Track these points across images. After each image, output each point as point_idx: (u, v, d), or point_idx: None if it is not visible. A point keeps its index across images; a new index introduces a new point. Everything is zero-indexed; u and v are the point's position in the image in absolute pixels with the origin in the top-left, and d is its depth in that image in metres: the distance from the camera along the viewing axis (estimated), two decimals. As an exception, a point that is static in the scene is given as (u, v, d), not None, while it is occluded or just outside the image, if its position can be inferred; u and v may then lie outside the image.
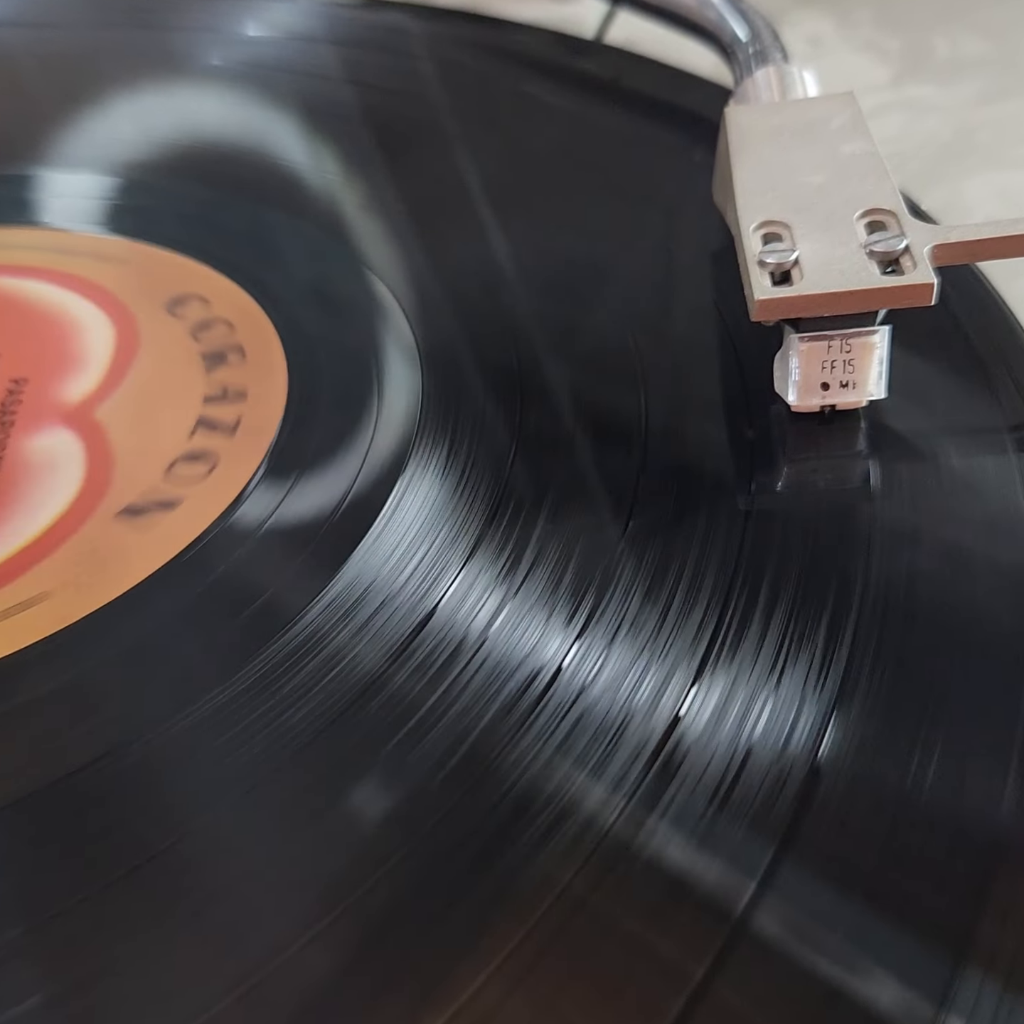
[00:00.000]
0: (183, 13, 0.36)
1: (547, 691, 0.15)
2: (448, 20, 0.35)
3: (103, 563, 0.18)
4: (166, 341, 0.23)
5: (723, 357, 0.21)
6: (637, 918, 0.13)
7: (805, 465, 0.19)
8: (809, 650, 0.15)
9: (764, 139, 0.21)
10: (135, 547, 0.18)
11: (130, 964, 0.13)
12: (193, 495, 0.19)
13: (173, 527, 0.19)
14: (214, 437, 0.20)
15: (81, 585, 0.18)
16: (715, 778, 0.14)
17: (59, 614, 0.17)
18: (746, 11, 0.26)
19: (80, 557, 0.18)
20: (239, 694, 0.16)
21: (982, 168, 0.29)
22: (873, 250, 0.18)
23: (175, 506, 0.19)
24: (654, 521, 0.18)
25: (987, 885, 0.13)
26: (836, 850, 0.13)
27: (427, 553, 0.17)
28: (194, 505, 0.19)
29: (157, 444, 0.20)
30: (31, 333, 0.23)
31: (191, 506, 0.19)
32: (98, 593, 0.18)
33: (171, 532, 0.18)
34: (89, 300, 0.24)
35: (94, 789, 0.15)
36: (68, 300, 0.24)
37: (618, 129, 0.29)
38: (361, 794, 0.14)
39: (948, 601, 0.16)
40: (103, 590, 0.18)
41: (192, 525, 0.19)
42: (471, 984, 0.12)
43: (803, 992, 0.12)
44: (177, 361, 0.22)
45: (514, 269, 0.24)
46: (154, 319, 0.23)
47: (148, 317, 0.23)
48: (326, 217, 0.26)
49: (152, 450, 0.20)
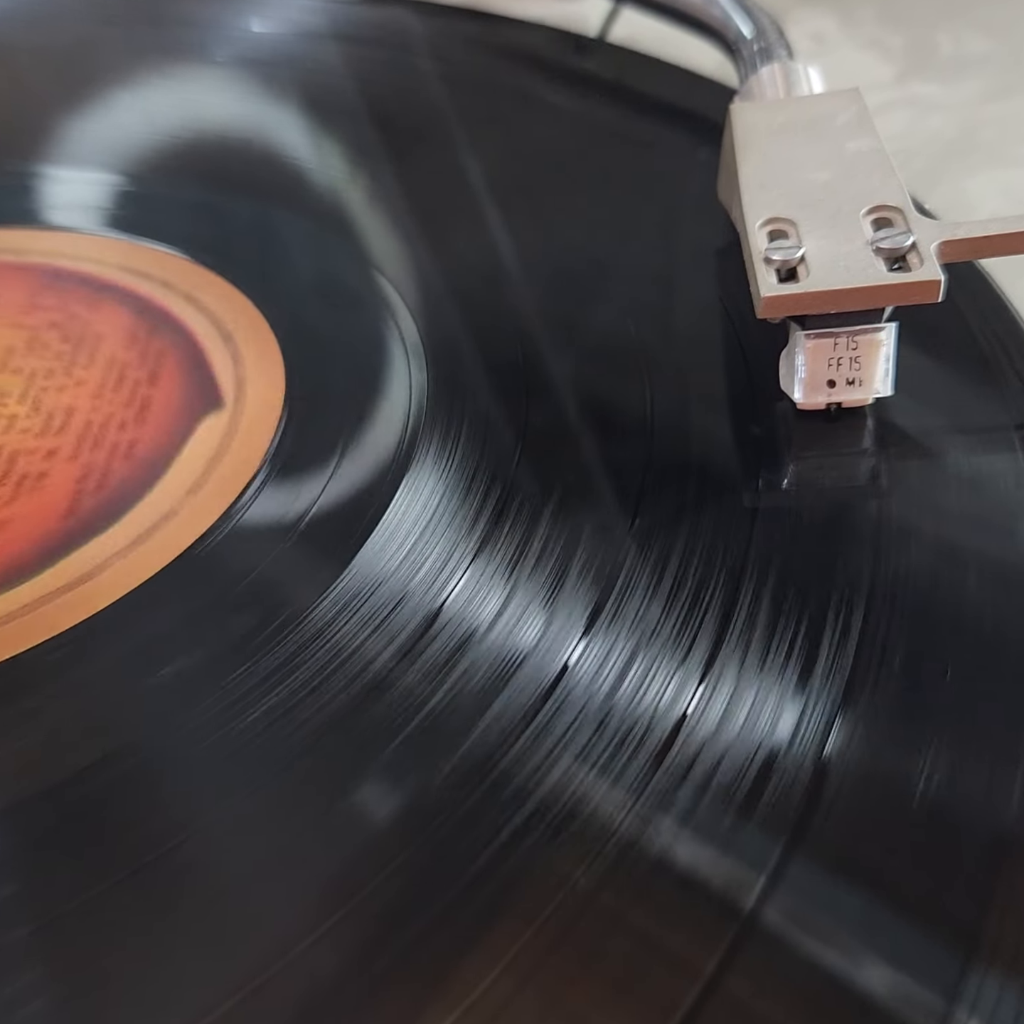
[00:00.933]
0: (186, 8, 0.36)
1: (553, 689, 0.15)
2: (451, 17, 0.35)
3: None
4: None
5: (729, 354, 0.21)
6: (646, 914, 0.13)
7: (811, 463, 0.19)
8: (816, 647, 0.15)
9: (769, 136, 0.21)
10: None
11: (133, 966, 0.13)
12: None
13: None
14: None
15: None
16: (723, 775, 0.14)
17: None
18: (751, 8, 0.26)
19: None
20: (243, 694, 0.16)
21: (986, 166, 0.29)
22: (880, 247, 0.18)
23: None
24: (660, 518, 0.18)
25: (994, 881, 0.13)
26: (845, 846, 0.13)
27: (432, 551, 0.17)
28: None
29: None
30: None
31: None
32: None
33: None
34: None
35: (97, 791, 0.15)
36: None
37: (621, 126, 0.29)
38: (365, 793, 0.14)
39: (955, 598, 0.16)
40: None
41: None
42: (480, 982, 0.12)
43: (812, 986, 0.12)
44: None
45: (518, 266, 0.24)
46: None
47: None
48: (329, 214, 0.26)
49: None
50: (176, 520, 0.19)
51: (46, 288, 0.24)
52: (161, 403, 0.21)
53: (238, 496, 0.19)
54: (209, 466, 0.20)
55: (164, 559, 0.18)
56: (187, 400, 0.21)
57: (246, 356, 0.22)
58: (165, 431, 0.20)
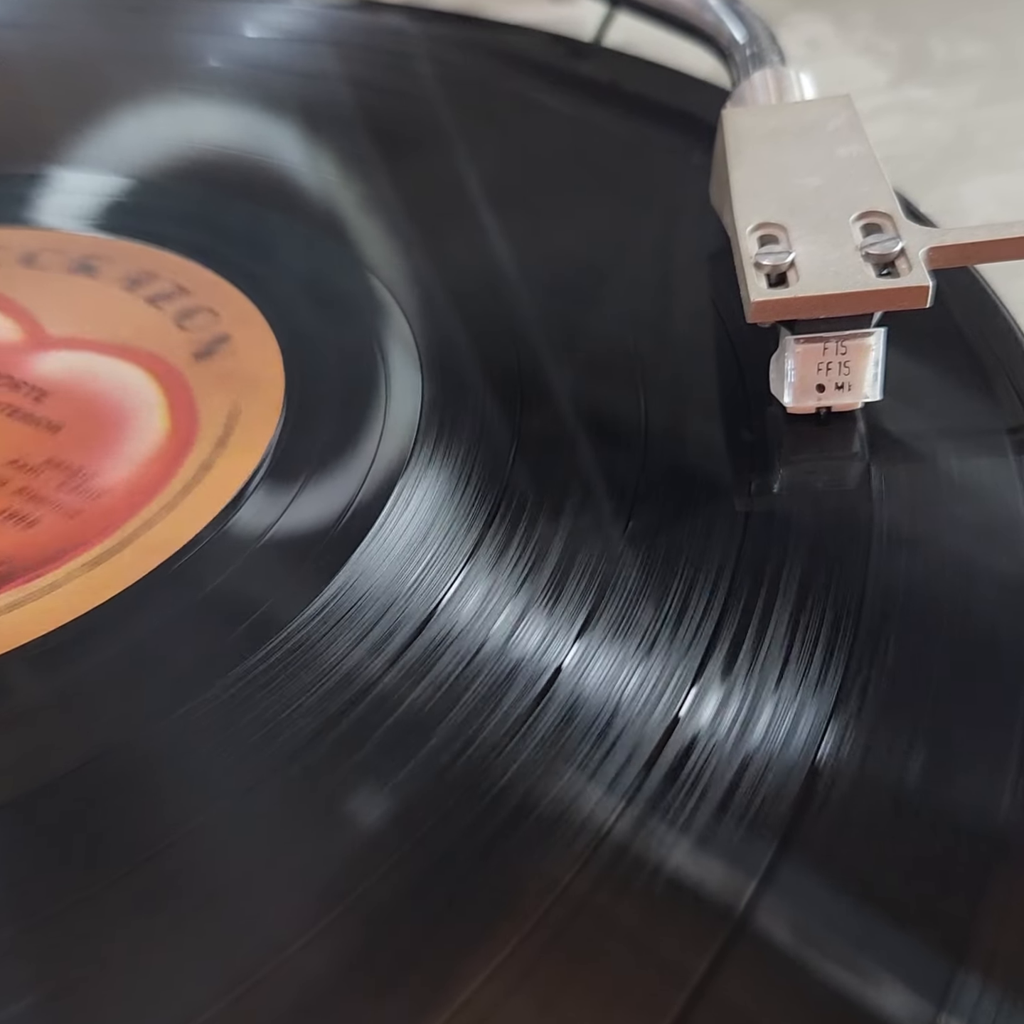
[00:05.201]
0: (182, 15, 0.36)
1: (547, 691, 0.15)
2: (446, 22, 0.35)
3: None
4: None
5: (722, 358, 0.21)
6: (638, 917, 0.13)
7: (802, 467, 0.19)
8: (808, 650, 0.15)
9: (761, 141, 0.21)
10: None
11: (127, 964, 0.13)
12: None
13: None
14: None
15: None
16: (715, 778, 0.14)
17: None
18: (744, 14, 0.26)
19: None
20: (238, 694, 0.16)
21: (981, 170, 0.29)
22: (869, 252, 0.18)
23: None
24: (654, 521, 0.18)
25: (986, 885, 0.13)
26: (836, 850, 0.13)
27: (428, 554, 0.18)
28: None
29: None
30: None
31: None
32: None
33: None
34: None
35: (91, 789, 0.15)
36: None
37: (616, 131, 0.29)
38: (361, 795, 0.14)
39: (946, 602, 0.16)
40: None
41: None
42: (472, 983, 0.12)
43: (803, 991, 0.12)
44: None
45: (512, 270, 0.24)
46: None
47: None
48: (325, 218, 0.26)
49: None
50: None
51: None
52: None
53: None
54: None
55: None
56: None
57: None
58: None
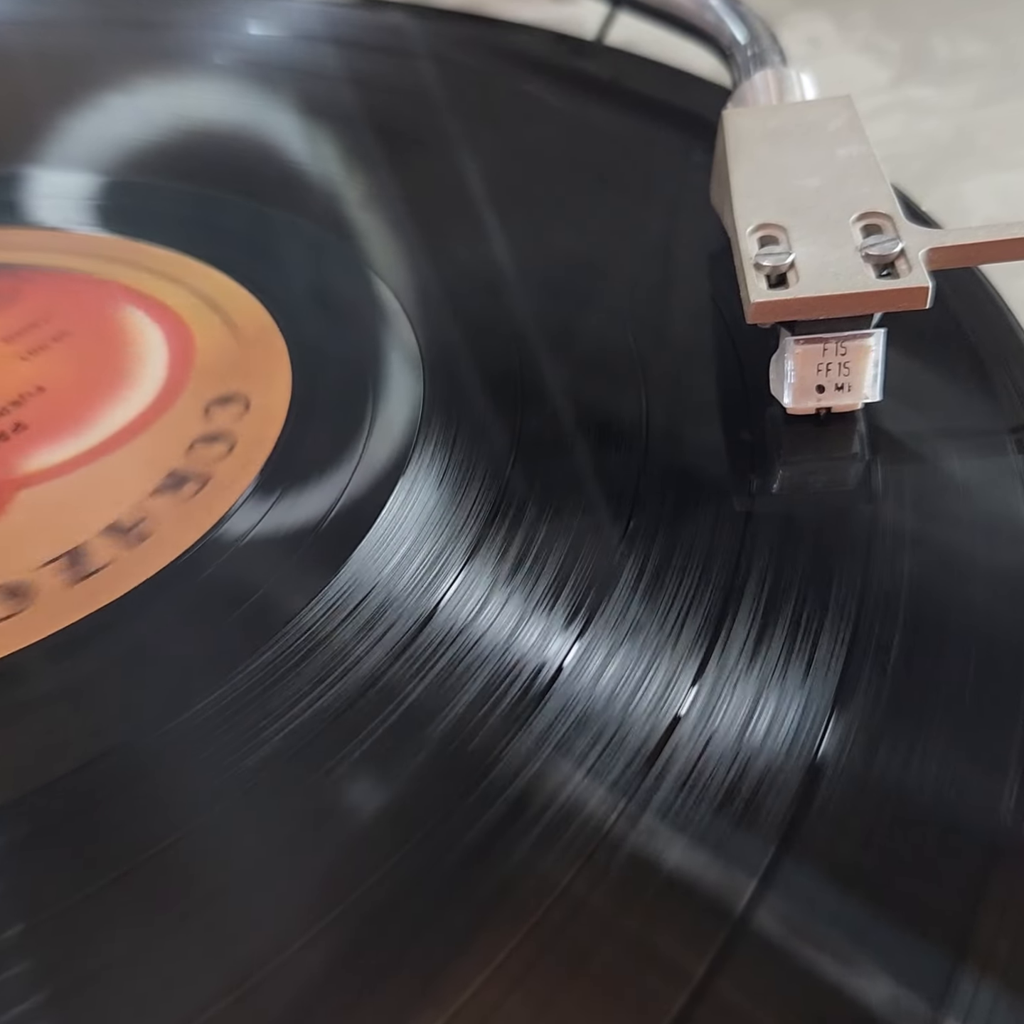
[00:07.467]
0: (184, 12, 0.36)
1: (547, 691, 0.15)
2: (448, 20, 0.35)
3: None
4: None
5: (722, 359, 0.21)
6: (637, 917, 0.13)
7: (802, 467, 0.19)
8: (809, 650, 0.15)
9: (761, 142, 0.21)
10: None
11: (128, 963, 0.13)
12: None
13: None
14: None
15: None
16: (715, 777, 0.14)
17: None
18: (744, 14, 0.26)
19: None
20: (240, 694, 0.16)
21: (982, 169, 0.29)
22: (869, 253, 0.18)
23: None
24: (654, 522, 0.18)
25: (985, 884, 0.13)
26: (836, 849, 0.13)
27: (428, 554, 0.18)
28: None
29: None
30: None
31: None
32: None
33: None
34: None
35: (93, 789, 0.15)
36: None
37: (617, 129, 0.29)
38: (359, 794, 0.15)
39: (947, 601, 0.16)
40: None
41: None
42: (470, 984, 0.12)
43: (802, 990, 0.12)
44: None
45: (513, 269, 0.24)
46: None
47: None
48: (326, 218, 0.26)
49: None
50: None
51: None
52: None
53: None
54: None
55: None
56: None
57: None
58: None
